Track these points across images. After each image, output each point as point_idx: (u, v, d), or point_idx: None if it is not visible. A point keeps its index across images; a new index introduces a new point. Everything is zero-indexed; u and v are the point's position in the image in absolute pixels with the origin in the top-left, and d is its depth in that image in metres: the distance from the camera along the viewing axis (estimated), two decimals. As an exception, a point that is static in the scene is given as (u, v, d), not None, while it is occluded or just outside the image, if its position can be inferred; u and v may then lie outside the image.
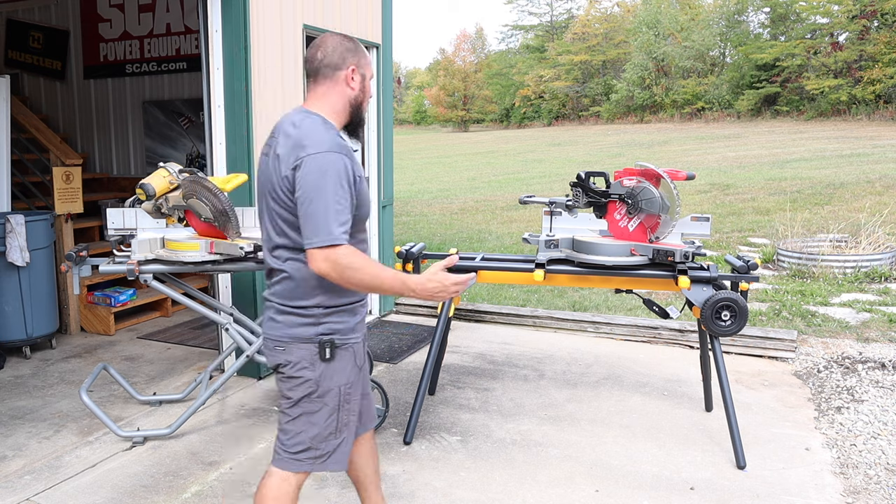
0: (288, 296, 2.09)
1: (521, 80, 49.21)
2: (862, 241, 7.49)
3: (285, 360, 2.10)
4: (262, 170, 2.11)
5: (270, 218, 2.08)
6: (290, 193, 1.99)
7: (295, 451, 2.14)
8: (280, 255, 2.08)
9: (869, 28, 30.08)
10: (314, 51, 2.12)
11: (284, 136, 2.03)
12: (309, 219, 1.94)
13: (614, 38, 44.58)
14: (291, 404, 2.13)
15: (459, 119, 56.04)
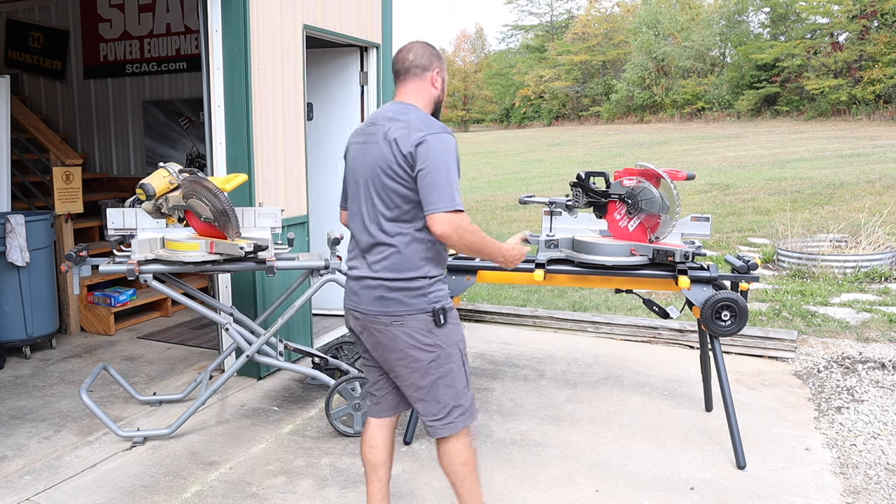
0: (397, 269, 2.29)
1: (521, 80, 49.21)
2: (862, 241, 7.49)
3: (403, 333, 2.29)
4: (367, 154, 2.33)
5: (381, 194, 2.29)
6: (409, 168, 2.23)
7: (445, 417, 2.37)
8: (390, 230, 2.29)
9: (869, 28, 30.08)
10: (405, 53, 2.41)
11: (394, 122, 2.29)
12: (433, 188, 2.19)
13: (614, 38, 44.58)
14: (422, 375, 2.34)
15: (459, 119, 56.02)
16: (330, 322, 5.69)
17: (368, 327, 2.36)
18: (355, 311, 2.39)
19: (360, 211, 2.37)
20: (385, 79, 5.75)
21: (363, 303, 2.34)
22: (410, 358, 2.32)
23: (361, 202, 2.37)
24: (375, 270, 2.31)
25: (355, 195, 2.41)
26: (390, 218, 2.29)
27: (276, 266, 3.48)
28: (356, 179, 2.40)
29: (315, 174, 5.60)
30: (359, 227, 2.38)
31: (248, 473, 3.26)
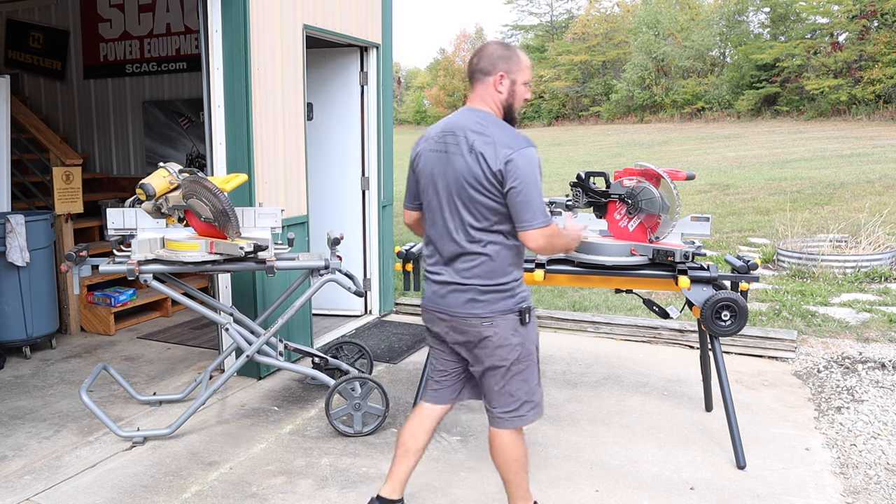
0: (488, 276, 2.41)
1: (521, 80, 49.13)
2: (862, 241, 7.49)
3: (493, 332, 2.43)
4: (450, 164, 2.40)
5: (468, 206, 2.38)
6: (499, 185, 2.32)
7: (517, 410, 2.51)
8: (480, 239, 2.39)
9: (869, 28, 30.08)
10: (474, 57, 2.46)
11: (478, 135, 2.35)
12: (527, 205, 2.31)
13: (614, 38, 44.57)
14: (505, 370, 2.47)
15: (459, 119, 55.96)
16: (330, 322, 5.69)
17: (457, 328, 2.48)
18: (443, 313, 2.50)
19: (444, 220, 2.45)
20: (385, 79, 5.76)
21: (453, 306, 2.46)
22: (497, 356, 2.45)
23: (444, 211, 2.44)
24: (466, 277, 2.42)
25: (434, 204, 2.47)
26: (479, 228, 2.38)
27: (276, 266, 3.48)
28: (435, 188, 2.46)
29: (315, 174, 5.60)
30: (442, 235, 2.46)
31: (248, 473, 3.26)
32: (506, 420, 2.52)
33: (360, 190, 5.76)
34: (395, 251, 3.81)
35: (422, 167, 2.51)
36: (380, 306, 5.95)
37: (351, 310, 5.89)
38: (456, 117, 2.45)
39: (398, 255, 3.76)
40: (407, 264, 3.74)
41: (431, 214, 2.50)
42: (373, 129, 5.66)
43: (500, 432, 2.54)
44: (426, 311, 2.58)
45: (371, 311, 5.96)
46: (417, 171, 2.54)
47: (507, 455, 2.55)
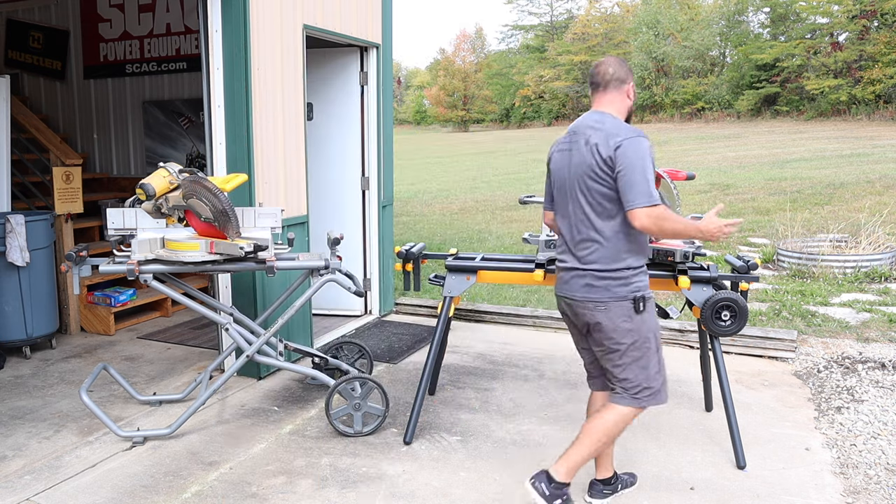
0: (603, 262, 2.63)
1: (521, 80, 49.22)
2: (862, 241, 7.49)
3: (606, 318, 2.65)
4: (571, 160, 2.67)
5: (586, 195, 2.63)
6: (609, 171, 2.55)
7: (635, 393, 2.72)
8: (597, 226, 2.63)
9: (869, 28, 30.08)
10: (605, 67, 2.71)
11: (594, 130, 2.61)
12: (632, 186, 2.50)
13: (614, 38, 44.58)
14: (621, 354, 2.69)
15: (459, 119, 56.06)
16: (330, 322, 5.70)
17: (578, 312, 2.73)
18: (566, 297, 2.76)
19: (568, 211, 2.72)
20: (385, 79, 5.76)
21: (573, 290, 2.71)
22: (612, 340, 2.68)
23: (569, 202, 2.71)
24: (585, 263, 2.67)
25: (562, 198, 2.75)
26: (595, 216, 2.63)
27: (276, 266, 3.48)
28: (562, 184, 2.74)
29: (315, 174, 5.60)
30: (567, 225, 2.74)
31: (248, 473, 3.26)
32: (622, 397, 2.74)
33: (360, 190, 5.76)
34: (395, 251, 3.81)
35: (553, 167, 2.80)
36: (380, 306, 5.96)
37: (351, 310, 5.89)
38: (580, 120, 2.73)
39: (398, 255, 3.76)
40: (407, 264, 3.75)
41: (561, 207, 2.77)
42: (373, 129, 5.66)
43: (614, 406, 2.75)
44: (557, 297, 2.84)
45: (371, 311, 5.96)
46: (550, 171, 2.82)
47: (602, 425, 2.74)
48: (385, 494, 3.07)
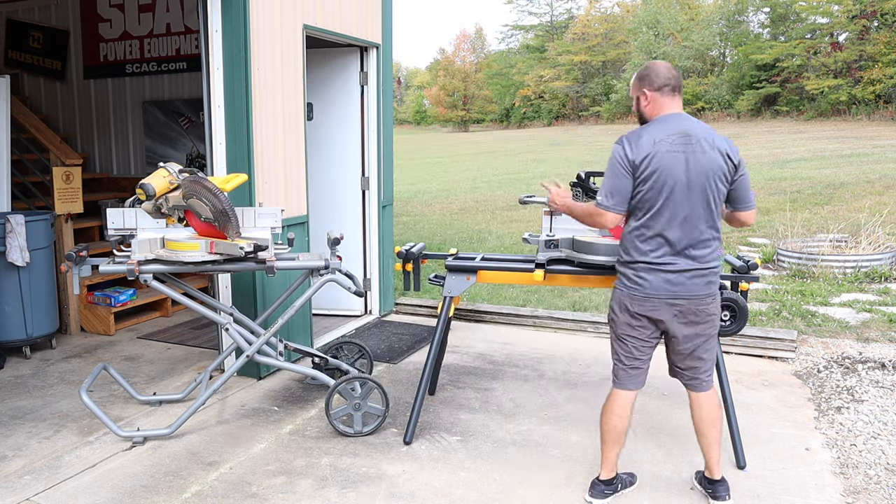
0: (717, 258, 2.79)
1: (521, 80, 49.21)
2: (862, 241, 7.49)
3: (715, 307, 2.83)
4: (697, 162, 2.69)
5: (714, 197, 2.73)
6: (733, 174, 2.75)
7: (710, 371, 2.95)
8: (716, 226, 2.76)
9: (869, 28, 30.07)
10: (676, 72, 2.80)
11: (708, 133, 2.72)
12: (748, 189, 2.81)
13: (614, 38, 44.58)
14: (712, 338, 2.90)
15: (459, 119, 56.06)
16: (330, 322, 5.70)
17: (692, 309, 2.78)
18: (681, 298, 2.76)
19: (687, 213, 2.71)
20: (385, 79, 5.76)
21: (694, 289, 2.76)
22: (714, 327, 2.86)
23: (684, 205, 2.70)
24: (705, 262, 2.75)
25: (673, 200, 2.70)
26: (717, 216, 2.76)
27: (276, 266, 3.48)
28: (674, 185, 2.69)
29: (315, 174, 5.60)
30: (681, 227, 2.72)
31: (248, 473, 3.26)
32: (705, 381, 2.93)
33: (360, 190, 5.76)
34: (395, 251, 3.81)
35: (657, 168, 2.68)
36: (380, 306, 5.96)
37: (351, 310, 5.89)
38: (681, 123, 2.74)
39: (398, 255, 3.76)
40: (407, 264, 3.75)
41: (668, 210, 2.71)
42: (373, 129, 5.66)
43: (708, 394, 2.94)
44: (650, 300, 2.78)
45: (371, 311, 5.96)
46: (647, 173, 2.69)
47: (716, 412, 2.94)
48: (385, 494, 3.07)
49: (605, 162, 2.82)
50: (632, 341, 2.91)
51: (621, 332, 2.91)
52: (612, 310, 2.95)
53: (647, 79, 2.79)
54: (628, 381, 2.96)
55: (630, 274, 2.83)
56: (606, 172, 2.80)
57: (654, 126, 2.75)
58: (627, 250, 2.84)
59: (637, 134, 2.76)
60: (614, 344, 2.97)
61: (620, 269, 2.89)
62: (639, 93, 2.85)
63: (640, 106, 2.86)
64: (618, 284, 2.91)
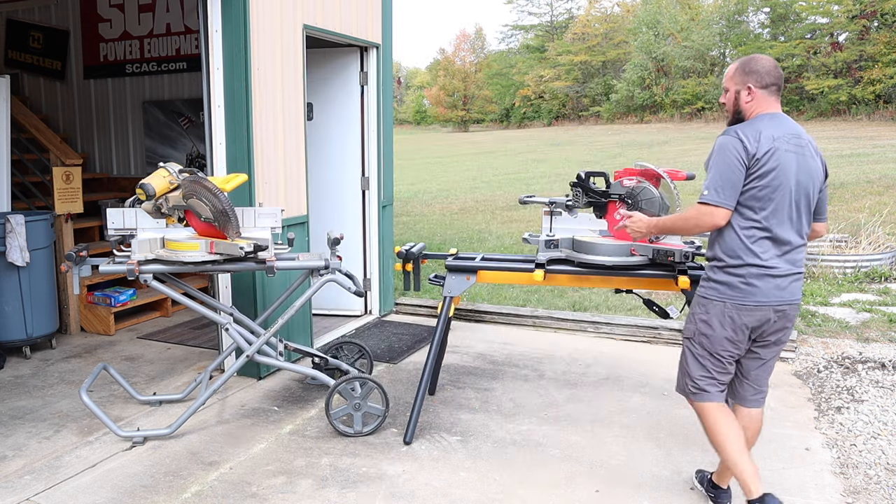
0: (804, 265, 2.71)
1: (521, 80, 49.18)
2: (862, 241, 7.49)
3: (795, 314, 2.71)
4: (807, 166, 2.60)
5: (810, 202, 2.64)
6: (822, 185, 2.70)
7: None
8: (807, 231, 2.67)
9: (869, 28, 30.07)
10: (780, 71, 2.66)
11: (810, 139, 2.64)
12: (826, 201, 2.76)
13: (614, 38, 44.56)
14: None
15: (459, 119, 56.03)
16: (330, 322, 5.69)
17: (790, 314, 2.66)
18: (784, 303, 2.62)
19: (791, 216, 2.60)
20: (385, 79, 5.76)
21: (795, 294, 2.64)
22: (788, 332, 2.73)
23: (793, 207, 2.60)
24: (799, 266, 2.65)
25: (784, 201, 2.58)
26: (808, 222, 2.66)
27: (276, 266, 3.48)
28: (789, 185, 2.57)
29: (315, 174, 5.60)
30: (788, 230, 2.60)
31: (248, 473, 3.26)
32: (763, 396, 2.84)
33: (360, 190, 5.76)
34: (395, 251, 3.81)
35: (776, 165, 2.54)
36: (380, 306, 5.96)
37: (351, 310, 5.89)
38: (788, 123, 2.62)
39: (398, 255, 3.76)
40: (407, 264, 3.75)
41: (781, 211, 2.58)
42: (373, 129, 5.66)
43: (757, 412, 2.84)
44: (761, 309, 2.60)
45: (371, 311, 5.96)
46: (766, 168, 2.53)
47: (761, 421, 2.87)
48: (385, 494, 3.07)
49: (605, 162, 2.78)
50: (728, 357, 2.69)
51: (719, 348, 2.67)
52: (703, 324, 2.69)
53: (756, 75, 2.63)
54: (719, 396, 2.75)
55: (736, 281, 2.60)
56: (715, 165, 2.58)
57: (766, 123, 2.58)
58: (733, 252, 2.61)
59: (753, 128, 2.57)
60: (703, 360, 2.72)
61: (719, 277, 2.65)
62: (741, 87, 2.67)
63: (741, 100, 2.67)
64: (712, 294, 2.66)
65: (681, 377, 2.84)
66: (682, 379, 2.83)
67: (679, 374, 2.86)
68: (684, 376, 2.81)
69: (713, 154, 2.61)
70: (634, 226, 2.97)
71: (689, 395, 2.80)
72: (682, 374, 2.83)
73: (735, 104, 2.70)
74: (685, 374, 2.81)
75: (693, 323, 2.75)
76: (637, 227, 2.96)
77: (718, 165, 2.57)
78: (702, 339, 2.71)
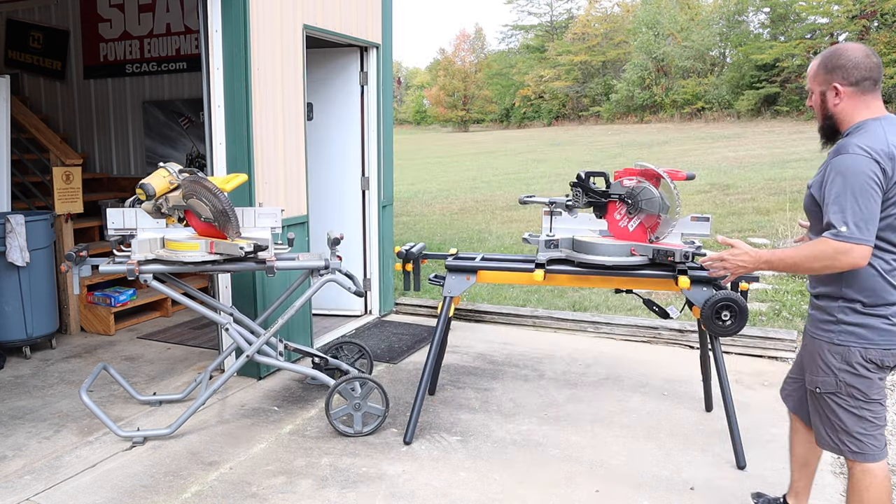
0: None
1: (521, 80, 49.20)
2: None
3: None
4: None
5: None
6: None
7: None
8: None
9: (869, 28, 30.07)
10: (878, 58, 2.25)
11: None
12: None
13: (614, 38, 44.58)
14: None
15: (459, 119, 56.05)
16: (330, 322, 5.70)
17: None
18: None
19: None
20: (385, 79, 5.76)
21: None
22: None
23: None
24: None
25: None
26: None
27: (276, 266, 3.48)
28: None
29: (315, 174, 5.61)
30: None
31: (248, 473, 3.26)
32: None
33: (360, 190, 5.76)
34: (395, 251, 3.81)
35: None
36: (380, 306, 5.96)
37: (351, 310, 5.89)
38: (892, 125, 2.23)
39: (398, 255, 3.76)
40: (407, 264, 3.75)
41: None
42: (373, 129, 5.66)
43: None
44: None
45: (371, 311, 5.96)
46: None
47: None
48: (385, 494, 3.07)
49: (605, 162, 2.74)
50: (883, 400, 2.32)
51: (875, 395, 2.29)
52: (848, 375, 2.29)
53: (842, 70, 2.24)
54: (884, 449, 2.35)
55: (880, 323, 2.22)
56: (852, 192, 2.12)
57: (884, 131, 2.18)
58: (873, 291, 2.22)
59: (878, 140, 2.15)
60: (859, 411, 2.30)
61: (854, 320, 2.26)
62: (825, 87, 2.29)
63: (829, 103, 2.30)
64: (850, 341, 2.27)
65: (834, 437, 2.38)
66: (838, 438, 2.36)
67: (830, 433, 2.39)
68: (841, 434, 2.35)
69: (838, 177, 2.16)
70: (737, 259, 2.44)
71: (853, 454, 2.34)
72: (838, 433, 2.36)
73: (823, 108, 2.33)
74: (842, 433, 2.35)
75: (831, 376, 2.32)
76: (740, 260, 2.44)
77: (855, 193, 2.11)
78: (851, 391, 2.30)
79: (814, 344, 2.37)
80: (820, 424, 2.42)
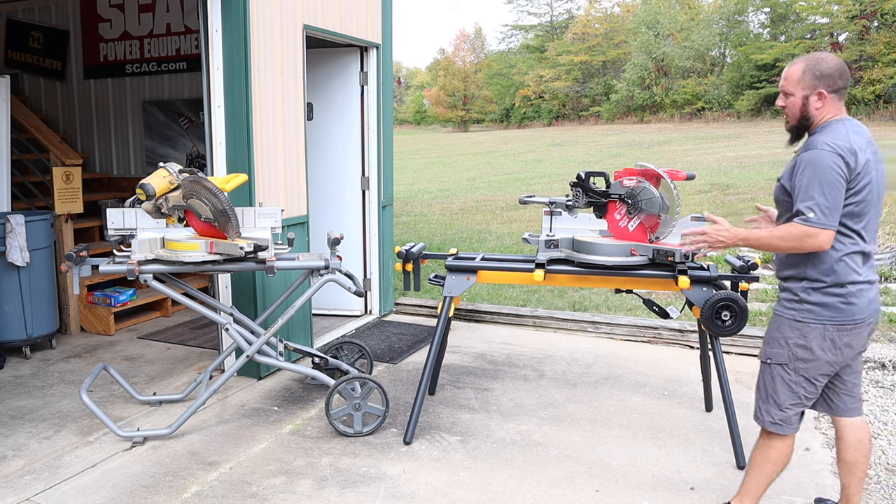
0: None
1: (521, 80, 49.22)
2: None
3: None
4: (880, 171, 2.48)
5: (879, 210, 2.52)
6: None
7: None
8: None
9: (869, 28, 30.09)
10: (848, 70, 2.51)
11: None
12: None
13: (614, 38, 44.61)
14: None
15: (459, 119, 56.05)
16: (330, 322, 5.70)
17: (874, 324, 2.54)
18: (873, 315, 2.51)
19: (874, 226, 2.51)
20: (385, 79, 5.76)
21: (878, 304, 2.53)
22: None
23: (873, 215, 2.49)
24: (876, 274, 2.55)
25: (872, 209, 2.46)
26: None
27: (276, 266, 3.48)
28: (874, 197, 2.46)
29: (315, 174, 5.60)
30: (872, 241, 2.50)
31: (248, 473, 3.26)
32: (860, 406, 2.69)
33: (360, 190, 5.76)
34: (395, 251, 3.81)
35: (870, 179, 2.41)
36: (380, 306, 5.96)
37: (351, 310, 5.89)
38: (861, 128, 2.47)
39: (398, 255, 3.76)
40: (407, 264, 3.75)
41: (869, 224, 2.46)
42: (373, 129, 5.66)
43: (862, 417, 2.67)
44: (859, 327, 2.47)
45: (371, 311, 5.96)
46: (862, 183, 2.39)
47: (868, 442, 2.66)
48: (385, 494, 3.07)
49: (605, 162, 2.75)
50: (823, 380, 2.54)
51: (818, 373, 2.51)
52: (800, 349, 2.50)
53: (829, 78, 2.45)
54: (798, 424, 2.61)
55: (837, 301, 2.43)
56: (817, 183, 2.35)
57: (847, 130, 2.42)
58: (832, 271, 2.44)
59: (842, 138, 2.39)
60: (797, 387, 2.53)
61: (814, 298, 2.47)
62: (810, 91, 2.49)
63: (810, 106, 2.50)
64: (809, 318, 2.48)
65: (763, 406, 2.62)
66: (765, 408, 2.61)
67: (760, 402, 2.63)
68: (769, 405, 2.59)
69: (807, 169, 2.39)
70: (718, 234, 2.65)
71: (773, 425, 2.58)
72: (767, 403, 2.60)
73: (803, 110, 2.52)
74: (771, 403, 2.58)
75: (785, 348, 2.52)
76: (721, 235, 2.64)
77: (822, 183, 2.34)
78: (798, 365, 2.51)
79: (776, 320, 2.59)
80: (757, 395, 2.67)
